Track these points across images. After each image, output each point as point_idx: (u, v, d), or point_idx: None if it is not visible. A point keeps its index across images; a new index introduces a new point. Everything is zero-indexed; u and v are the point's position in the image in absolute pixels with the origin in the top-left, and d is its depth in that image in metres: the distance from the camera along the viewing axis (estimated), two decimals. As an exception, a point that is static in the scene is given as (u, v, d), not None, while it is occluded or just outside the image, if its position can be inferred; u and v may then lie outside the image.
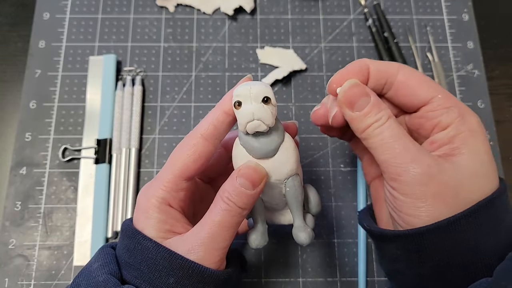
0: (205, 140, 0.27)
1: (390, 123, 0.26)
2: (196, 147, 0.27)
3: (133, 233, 0.27)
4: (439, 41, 0.48)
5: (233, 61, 0.47)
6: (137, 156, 0.43)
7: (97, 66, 0.45)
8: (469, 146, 0.26)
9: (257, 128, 0.26)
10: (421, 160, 0.25)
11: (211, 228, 0.26)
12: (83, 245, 0.40)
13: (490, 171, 0.26)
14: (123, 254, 0.27)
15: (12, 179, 0.42)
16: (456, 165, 0.25)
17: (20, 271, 0.39)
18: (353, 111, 0.27)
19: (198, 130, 0.28)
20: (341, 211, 0.41)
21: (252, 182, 0.26)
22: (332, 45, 0.47)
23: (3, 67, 0.46)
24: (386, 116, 0.26)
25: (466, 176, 0.25)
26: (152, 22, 0.48)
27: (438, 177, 0.25)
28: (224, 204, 0.26)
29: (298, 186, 0.28)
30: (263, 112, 0.25)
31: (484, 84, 0.46)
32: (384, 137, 0.26)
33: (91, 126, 0.43)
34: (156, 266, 0.26)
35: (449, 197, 0.25)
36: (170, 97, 0.45)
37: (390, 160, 0.26)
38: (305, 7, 0.49)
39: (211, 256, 0.26)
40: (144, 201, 0.28)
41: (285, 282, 0.39)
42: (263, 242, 0.29)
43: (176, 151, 0.28)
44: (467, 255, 0.25)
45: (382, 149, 0.26)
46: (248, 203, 0.26)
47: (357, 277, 0.39)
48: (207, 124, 0.28)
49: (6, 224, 0.40)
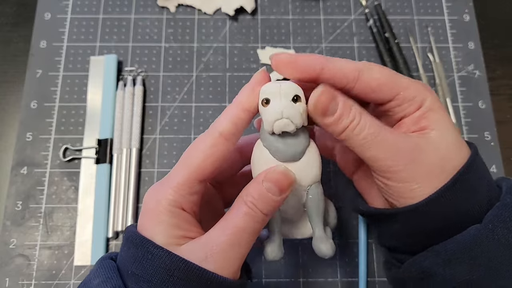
0: (225, 140, 0.25)
1: (364, 120, 0.26)
2: (216, 147, 0.25)
3: (141, 241, 0.25)
4: (440, 42, 0.48)
5: (234, 61, 0.47)
6: (138, 156, 0.43)
7: (98, 66, 0.45)
8: (435, 122, 0.27)
9: (285, 127, 0.25)
10: (404, 148, 0.26)
11: (232, 233, 0.24)
12: (83, 245, 0.40)
13: (460, 139, 0.28)
14: (129, 264, 0.25)
15: (13, 178, 0.42)
16: (432, 141, 0.27)
17: (21, 271, 0.39)
18: (326, 117, 0.26)
19: (217, 129, 0.26)
20: (341, 212, 0.41)
21: (280, 188, 0.25)
22: (333, 46, 0.47)
23: (4, 67, 0.46)
24: (358, 114, 0.26)
25: (444, 148, 0.26)
26: (153, 22, 0.48)
27: (423, 157, 0.26)
28: (247, 208, 0.25)
29: (321, 194, 0.27)
30: (293, 110, 0.24)
31: (485, 84, 0.46)
32: (365, 135, 0.26)
33: (92, 126, 0.43)
34: (170, 277, 0.23)
35: (438, 172, 0.26)
36: (171, 97, 0.45)
37: (377, 156, 0.26)
38: (306, 8, 0.49)
39: (229, 265, 0.24)
40: (154, 205, 0.25)
41: (286, 282, 0.39)
42: (280, 254, 0.28)
43: (192, 150, 0.26)
44: (462, 215, 0.26)
45: (366, 147, 0.26)
46: (272, 210, 0.25)
47: (358, 277, 0.39)
48: (226, 122, 0.26)
49: (7, 223, 0.40)
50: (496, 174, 0.43)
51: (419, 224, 0.27)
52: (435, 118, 0.27)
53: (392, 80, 0.27)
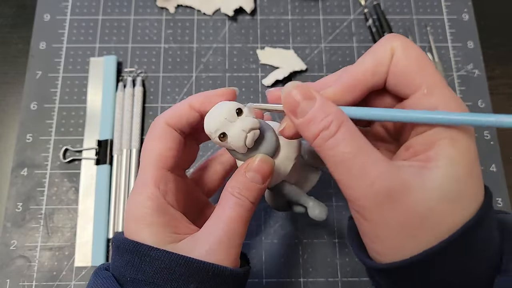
0: (169, 126, 0.27)
1: (343, 133, 0.22)
2: (165, 134, 0.27)
3: (135, 247, 0.24)
4: (439, 41, 0.48)
5: (234, 62, 0.47)
6: (138, 157, 0.43)
7: (97, 67, 0.45)
8: (446, 157, 0.21)
9: (256, 135, 0.25)
10: (378, 184, 0.21)
11: (227, 224, 0.25)
12: (84, 246, 0.40)
13: (469, 190, 0.21)
14: (126, 271, 0.25)
15: (13, 180, 0.42)
16: (427, 185, 0.21)
17: (22, 272, 0.39)
18: (297, 117, 0.23)
19: (162, 117, 0.28)
20: (342, 211, 0.42)
21: (262, 175, 0.26)
22: (332, 46, 0.48)
23: (4, 68, 0.46)
24: (336, 122, 0.22)
25: (437, 200, 0.21)
26: (153, 23, 0.48)
27: (401, 203, 0.21)
28: (236, 199, 0.25)
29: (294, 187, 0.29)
30: (248, 122, 0.25)
31: (484, 83, 0.46)
32: (336, 152, 0.22)
33: (92, 127, 0.43)
34: (173, 275, 0.24)
35: (414, 227, 0.21)
36: (171, 98, 0.45)
37: (346, 182, 0.22)
38: (305, 8, 0.49)
39: (229, 255, 0.25)
40: (137, 209, 0.26)
41: (286, 283, 0.39)
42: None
43: (146, 145, 0.28)
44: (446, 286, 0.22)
45: (336, 167, 0.22)
46: (258, 197, 0.26)
47: (358, 277, 0.39)
48: (171, 112, 0.28)
49: (8, 225, 0.40)
50: (495, 174, 0.43)
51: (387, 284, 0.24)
52: (448, 152, 0.21)
53: (417, 66, 0.23)
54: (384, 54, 0.23)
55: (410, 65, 0.23)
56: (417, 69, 0.23)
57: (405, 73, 0.23)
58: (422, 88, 0.22)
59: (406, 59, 0.23)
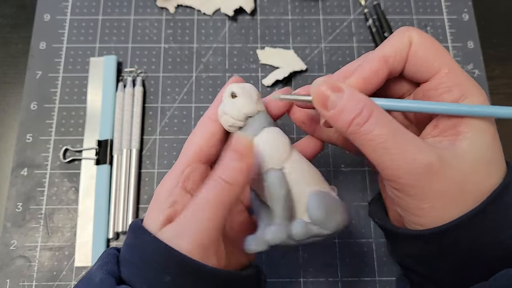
0: (214, 122, 0.28)
1: (376, 117, 0.23)
2: (207, 128, 0.28)
3: (138, 228, 0.25)
4: (439, 41, 0.47)
5: (234, 62, 0.47)
6: (138, 157, 0.43)
7: (97, 67, 0.45)
8: (474, 128, 0.23)
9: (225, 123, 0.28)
10: (419, 159, 0.22)
11: (196, 205, 0.24)
12: (84, 246, 0.40)
13: (496, 157, 0.24)
14: (125, 251, 0.26)
15: (13, 180, 0.42)
16: (459, 154, 0.23)
17: (22, 272, 0.39)
18: (328, 110, 0.24)
19: (206, 114, 0.29)
20: (342, 211, 0.41)
21: (237, 151, 0.25)
22: (332, 46, 0.48)
23: (4, 68, 0.46)
24: (368, 109, 0.23)
25: (470, 165, 0.23)
26: (153, 23, 0.48)
27: (440, 174, 0.22)
28: (212, 181, 0.25)
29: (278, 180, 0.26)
30: (225, 105, 0.27)
31: (484, 83, 0.46)
32: (373, 136, 0.23)
33: (92, 127, 0.43)
34: (152, 263, 0.24)
35: (455, 194, 0.23)
36: (171, 98, 0.45)
37: (386, 163, 0.23)
38: (305, 8, 0.49)
39: (198, 239, 0.24)
40: (158, 189, 0.27)
41: (286, 282, 0.39)
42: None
43: (189, 138, 0.29)
44: (484, 250, 0.23)
45: (374, 150, 0.23)
46: (236, 178, 0.25)
47: (358, 277, 0.39)
48: (213, 109, 0.29)
49: (8, 225, 0.40)
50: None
51: (427, 252, 0.25)
52: (474, 124, 0.23)
53: (437, 53, 0.25)
54: (402, 42, 0.25)
55: (429, 51, 0.25)
56: (435, 53, 0.25)
57: (425, 58, 0.25)
58: (442, 70, 0.24)
59: (425, 46, 0.25)
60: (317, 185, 0.27)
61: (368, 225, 0.41)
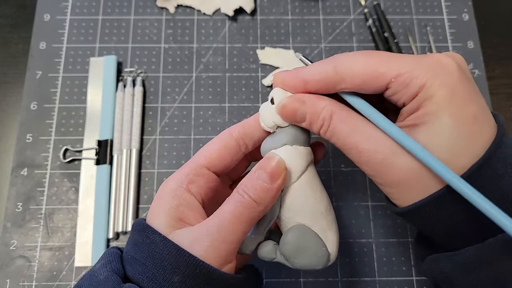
0: (231, 135, 0.29)
1: (334, 122, 0.26)
2: (223, 139, 0.29)
3: (143, 227, 0.26)
4: (439, 41, 0.48)
5: (234, 62, 0.47)
6: (138, 157, 0.43)
7: (97, 67, 0.45)
8: (429, 115, 0.23)
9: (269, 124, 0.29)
10: (373, 156, 0.25)
11: (220, 217, 0.25)
12: (84, 246, 0.40)
13: (466, 137, 0.23)
14: (130, 249, 0.26)
15: (13, 180, 0.42)
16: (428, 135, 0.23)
17: (22, 272, 0.39)
18: (301, 123, 0.27)
19: (229, 128, 0.29)
20: (342, 211, 0.42)
21: (271, 175, 0.25)
22: (332, 46, 0.48)
23: (4, 68, 0.46)
24: (328, 117, 0.26)
25: (440, 145, 0.23)
26: (153, 23, 0.48)
27: (396, 165, 0.24)
28: (238, 195, 0.25)
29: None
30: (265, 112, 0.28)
31: (484, 83, 0.46)
32: (336, 140, 0.26)
33: (92, 127, 0.43)
34: (162, 262, 0.24)
35: (413, 179, 0.24)
36: (171, 98, 0.45)
37: (353, 158, 0.26)
38: (305, 8, 0.49)
39: (217, 249, 0.24)
40: (161, 188, 0.28)
41: (286, 282, 0.39)
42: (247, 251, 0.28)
43: (205, 145, 0.29)
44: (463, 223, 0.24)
45: (343, 151, 0.26)
46: (264, 198, 0.25)
47: (358, 277, 0.39)
48: (237, 126, 0.29)
49: (8, 225, 0.40)
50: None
51: (421, 225, 0.27)
52: (430, 110, 0.23)
53: (375, 69, 0.25)
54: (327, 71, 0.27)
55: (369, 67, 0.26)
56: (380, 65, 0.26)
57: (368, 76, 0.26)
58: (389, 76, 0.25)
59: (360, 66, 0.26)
60: (308, 217, 0.27)
61: (368, 225, 0.41)
